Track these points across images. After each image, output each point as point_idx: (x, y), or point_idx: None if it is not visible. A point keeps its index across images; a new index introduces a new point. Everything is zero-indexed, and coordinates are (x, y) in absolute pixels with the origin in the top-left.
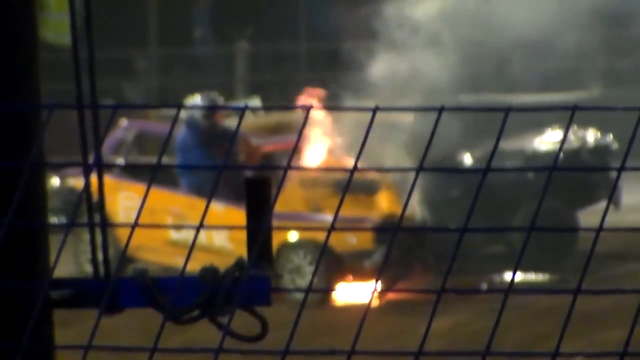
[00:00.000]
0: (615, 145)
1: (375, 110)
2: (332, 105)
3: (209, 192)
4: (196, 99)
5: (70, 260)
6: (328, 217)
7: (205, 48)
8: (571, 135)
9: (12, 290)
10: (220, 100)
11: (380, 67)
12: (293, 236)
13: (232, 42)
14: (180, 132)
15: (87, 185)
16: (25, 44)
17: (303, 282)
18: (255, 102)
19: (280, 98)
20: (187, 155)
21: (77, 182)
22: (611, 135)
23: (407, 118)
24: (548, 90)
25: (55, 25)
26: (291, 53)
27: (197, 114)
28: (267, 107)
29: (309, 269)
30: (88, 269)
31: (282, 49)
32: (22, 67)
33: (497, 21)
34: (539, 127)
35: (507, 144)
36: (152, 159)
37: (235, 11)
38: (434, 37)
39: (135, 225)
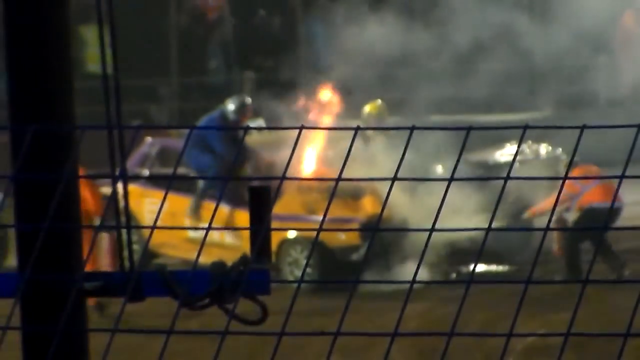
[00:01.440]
0: (564, 157)
1: (357, 129)
2: (320, 125)
3: (218, 191)
4: (231, 99)
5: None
6: (321, 218)
7: (218, 77)
8: (527, 149)
9: (51, 282)
10: (249, 101)
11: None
12: (291, 234)
13: (241, 71)
14: (209, 115)
15: (114, 193)
16: (62, 74)
17: (300, 273)
18: (260, 122)
19: (280, 119)
20: (206, 133)
21: (107, 190)
22: (560, 149)
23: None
24: (508, 112)
25: (95, 57)
26: (290, 81)
27: (231, 107)
28: (269, 128)
29: (304, 262)
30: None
31: (283, 77)
32: (60, 94)
33: (461, 49)
34: (499, 142)
35: (471, 157)
36: (172, 171)
37: (243, 46)
38: (403, 63)
39: (154, 227)
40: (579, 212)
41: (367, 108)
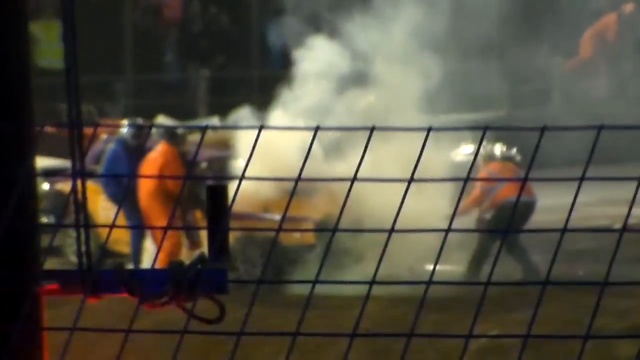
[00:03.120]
0: (519, 157)
1: (316, 129)
2: (278, 125)
3: (130, 200)
4: (126, 125)
5: (59, 251)
6: (276, 216)
7: (173, 74)
8: (482, 149)
9: (8, 280)
10: (143, 124)
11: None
12: (246, 232)
13: (196, 69)
14: (111, 147)
15: (74, 191)
16: (21, 70)
17: (255, 271)
18: (214, 121)
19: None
20: (114, 166)
21: (63, 186)
22: (515, 149)
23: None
24: (464, 111)
25: (46, 52)
26: (245, 78)
27: (127, 134)
28: (224, 127)
29: (260, 260)
30: (73, 259)
31: (237, 75)
32: (19, 90)
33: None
34: (456, 143)
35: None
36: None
37: (198, 43)
38: (364, 66)
39: (112, 226)
40: (493, 208)
41: (362, 104)
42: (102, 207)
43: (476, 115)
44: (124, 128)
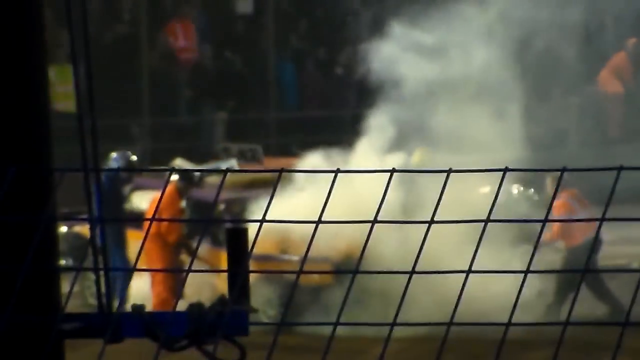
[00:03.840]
0: (536, 197)
1: (336, 172)
2: (300, 168)
3: (115, 240)
4: (114, 157)
5: (78, 293)
6: (294, 258)
7: (189, 117)
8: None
9: (30, 323)
10: (134, 158)
11: None
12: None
13: (212, 111)
14: (103, 180)
15: (93, 236)
16: (40, 113)
17: (272, 312)
18: (232, 163)
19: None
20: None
21: (82, 229)
22: (532, 189)
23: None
24: (476, 151)
25: (60, 96)
26: (263, 121)
27: (116, 165)
28: (243, 170)
29: (277, 301)
30: (92, 300)
31: (253, 118)
32: (39, 134)
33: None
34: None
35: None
36: (144, 209)
37: (214, 86)
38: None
39: (134, 270)
40: (572, 245)
41: (415, 157)
42: None
43: (488, 156)
44: (112, 161)
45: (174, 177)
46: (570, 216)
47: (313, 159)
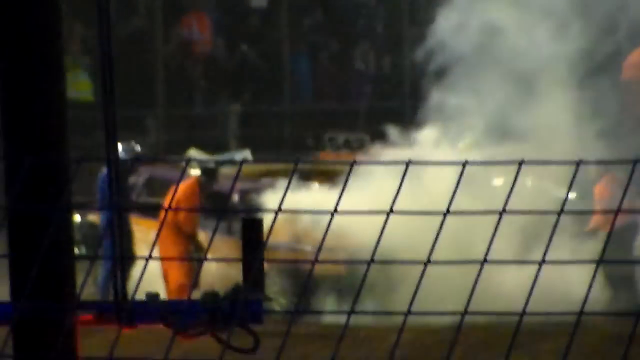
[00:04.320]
0: (552, 187)
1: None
2: (317, 160)
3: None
4: (120, 146)
5: (91, 280)
6: (307, 247)
7: (203, 108)
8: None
9: (45, 311)
10: (138, 148)
11: None
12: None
13: (226, 103)
14: (104, 172)
15: (113, 224)
16: (56, 104)
17: (285, 302)
18: (246, 154)
19: (267, 150)
20: (105, 192)
21: (95, 218)
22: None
23: None
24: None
25: (74, 85)
26: (276, 112)
27: (121, 156)
28: (257, 161)
29: (291, 290)
30: (97, 283)
31: (267, 109)
32: (55, 125)
33: None
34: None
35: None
36: (159, 199)
37: (229, 78)
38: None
39: (149, 258)
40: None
41: (461, 145)
42: (136, 238)
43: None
44: (119, 151)
45: (196, 171)
46: (610, 201)
47: (377, 151)
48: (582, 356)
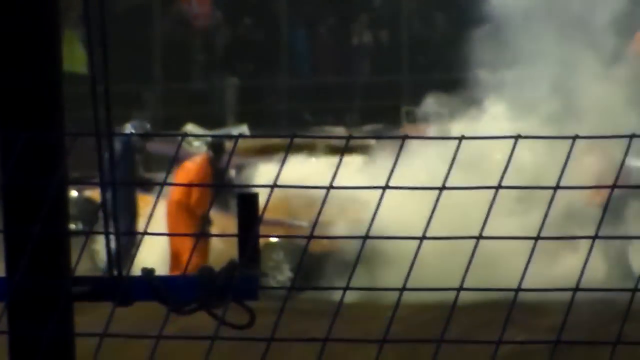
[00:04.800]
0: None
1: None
2: (314, 133)
3: (123, 206)
4: (130, 124)
5: (87, 256)
6: (303, 224)
7: (201, 83)
8: None
9: (40, 286)
10: (148, 126)
11: None
12: (274, 238)
13: (224, 77)
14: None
15: (104, 200)
16: (52, 77)
17: (282, 277)
18: (244, 129)
19: (264, 125)
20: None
21: (92, 193)
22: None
23: None
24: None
25: (67, 58)
26: (274, 87)
27: (132, 134)
28: (254, 136)
29: (286, 266)
30: (101, 263)
31: (266, 84)
32: (50, 98)
33: None
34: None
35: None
36: (156, 174)
37: (227, 52)
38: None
39: (145, 233)
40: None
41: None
42: None
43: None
44: (129, 128)
45: (200, 147)
46: (603, 176)
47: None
48: (579, 331)
